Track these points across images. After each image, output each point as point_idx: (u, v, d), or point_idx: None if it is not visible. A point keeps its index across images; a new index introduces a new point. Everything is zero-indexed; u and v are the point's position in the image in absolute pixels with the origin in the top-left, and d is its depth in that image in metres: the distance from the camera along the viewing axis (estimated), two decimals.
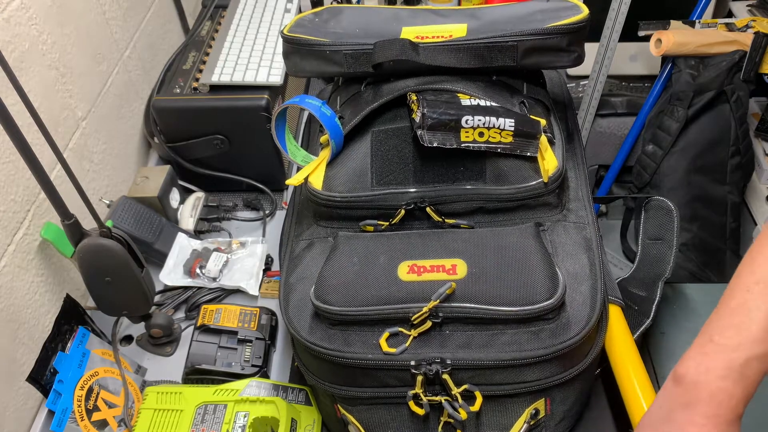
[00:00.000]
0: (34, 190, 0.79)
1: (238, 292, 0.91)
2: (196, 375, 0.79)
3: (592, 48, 1.26)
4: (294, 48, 0.78)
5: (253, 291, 0.90)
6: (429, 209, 0.70)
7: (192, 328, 0.82)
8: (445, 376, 0.61)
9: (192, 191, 1.03)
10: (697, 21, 1.29)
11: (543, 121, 0.70)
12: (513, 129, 0.67)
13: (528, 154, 0.69)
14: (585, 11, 0.74)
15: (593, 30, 0.92)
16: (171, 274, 0.90)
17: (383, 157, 0.71)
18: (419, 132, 0.67)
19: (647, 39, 1.30)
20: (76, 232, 0.69)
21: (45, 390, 0.73)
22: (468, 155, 0.69)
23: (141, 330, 0.86)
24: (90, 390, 0.75)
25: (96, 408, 0.74)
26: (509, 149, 0.68)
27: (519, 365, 0.61)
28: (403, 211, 0.70)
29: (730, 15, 1.43)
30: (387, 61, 0.71)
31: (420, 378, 0.61)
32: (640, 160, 1.38)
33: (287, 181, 0.74)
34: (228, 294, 0.91)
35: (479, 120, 0.66)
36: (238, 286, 0.90)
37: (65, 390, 0.73)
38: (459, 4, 1.41)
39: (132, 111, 1.06)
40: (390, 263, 0.65)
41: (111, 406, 0.76)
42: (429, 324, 0.62)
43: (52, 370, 0.74)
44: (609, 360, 0.71)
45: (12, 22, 0.76)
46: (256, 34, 1.08)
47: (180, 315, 0.89)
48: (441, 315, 0.61)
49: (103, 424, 0.74)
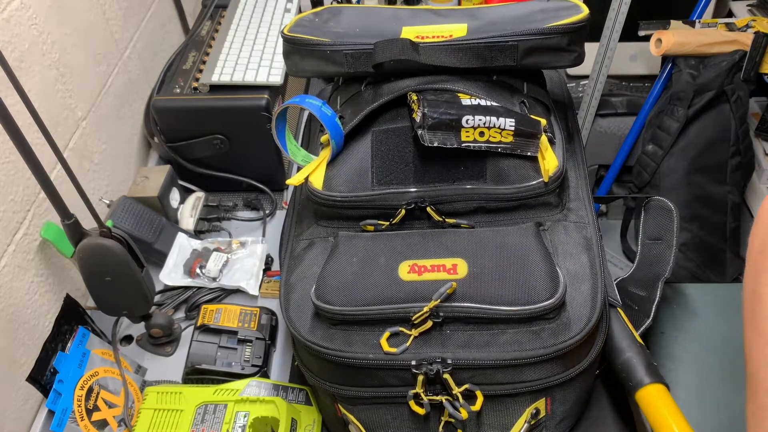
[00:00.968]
0: (34, 190, 0.79)
1: (238, 292, 0.91)
2: (196, 375, 0.79)
3: (592, 48, 1.26)
4: (294, 48, 0.78)
5: (253, 291, 0.90)
6: (429, 209, 0.70)
7: (192, 328, 0.82)
8: (446, 375, 0.61)
9: (192, 191, 1.02)
10: (697, 21, 1.29)
11: (543, 121, 0.70)
12: (513, 129, 0.67)
13: (528, 153, 0.69)
14: (585, 11, 0.74)
15: (593, 30, 0.92)
16: (171, 274, 0.90)
17: (384, 157, 0.71)
18: (420, 132, 0.67)
19: (647, 39, 1.30)
20: (76, 232, 0.69)
21: (45, 390, 0.73)
22: (468, 155, 0.69)
23: (141, 330, 0.86)
24: (90, 390, 0.75)
25: (96, 408, 0.74)
26: (510, 149, 0.68)
27: (520, 365, 0.61)
28: (404, 211, 0.70)
29: (730, 15, 1.43)
30: (387, 61, 0.71)
31: (421, 378, 0.61)
32: (640, 160, 1.38)
33: (287, 181, 0.74)
34: (228, 294, 0.91)
35: (480, 120, 0.66)
36: (238, 286, 0.90)
37: (65, 390, 0.73)
38: (459, 4, 1.41)
39: (132, 111, 1.06)
40: (390, 263, 0.65)
41: (111, 406, 0.76)
42: (430, 324, 0.62)
43: (52, 370, 0.74)
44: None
45: (12, 22, 0.76)
46: (256, 34, 1.08)
47: (180, 315, 0.89)
48: (442, 315, 0.61)
49: (103, 424, 0.74)
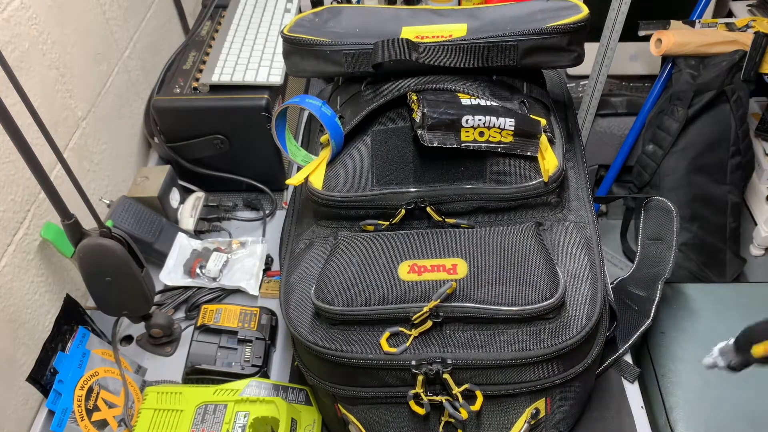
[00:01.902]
0: (34, 190, 0.79)
1: (238, 292, 0.91)
2: (196, 375, 0.79)
3: (592, 48, 1.27)
4: (294, 48, 0.78)
5: (253, 291, 0.90)
6: (429, 209, 0.70)
7: (192, 328, 0.82)
8: (446, 375, 0.61)
9: (192, 191, 1.02)
10: (697, 21, 1.29)
11: (543, 121, 0.70)
12: (513, 128, 0.67)
13: (528, 153, 0.69)
14: (585, 11, 0.74)
15: (593, 30, 0.92)
16: (171, 274, 0.90)
17: (383, 157, 0.71)
18: (419, 132, 0.67)
19: (647, 39, 1.30)
20: (76, 232, 0.69)
21: (45, 390, 0.73)
22: (468, 155, 0.69)
23: (141, 330, 0.86)
24: (90, 390, 0.75)
25: (96, 408, 0.74)
26: (509, 149, 0.68)
27: (519, 365, 0.61)
28: (404, 211, 0.70)
29: (730, 15, 1.43)
30: (387, 61, 0.71)
31: (420, 378, 0.61)
32: (640, 160, 1.38)
33: (287, 181, 0.74)
34: (228, 294, 0.91)
35: (479, 119, 0.66)
36: (238, 286, 0.90)
37: (65, 390, 0.73)
38: (459, 3, 1.41)
39: (132, 111, 1.06)
40: (390, 263, 0.65)
41: (111, 406, 0.76)
42: (429, 324, 0.62)
43: (52, 370, 0.74)
44: None
45: (12, 22, 0.76)
46: (256, 34, 1.08)
47: (180, 315, 0.89)
48: (441, 315, 0.61)
49: (103, 424, 0.74)
